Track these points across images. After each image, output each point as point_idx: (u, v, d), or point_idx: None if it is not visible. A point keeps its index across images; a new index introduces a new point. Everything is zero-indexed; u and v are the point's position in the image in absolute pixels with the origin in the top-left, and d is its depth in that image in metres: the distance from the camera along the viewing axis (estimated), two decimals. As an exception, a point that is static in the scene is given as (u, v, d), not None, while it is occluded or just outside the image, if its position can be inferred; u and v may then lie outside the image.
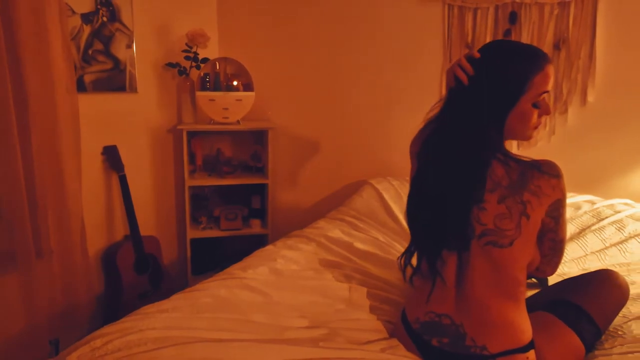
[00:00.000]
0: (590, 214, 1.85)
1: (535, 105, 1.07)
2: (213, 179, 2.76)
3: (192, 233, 2.74)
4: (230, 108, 2.67)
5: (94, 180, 2.37)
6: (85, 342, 1.08)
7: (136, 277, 2.42)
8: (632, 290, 1.41)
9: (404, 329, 1.19)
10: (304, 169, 2.93)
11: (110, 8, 2.35)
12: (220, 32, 3.01)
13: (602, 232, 1.74)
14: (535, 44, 2.21)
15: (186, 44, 2.63)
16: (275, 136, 2.92)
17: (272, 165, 2.86)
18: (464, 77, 1.08)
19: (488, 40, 2.29)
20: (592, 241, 1.72)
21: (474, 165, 1.06)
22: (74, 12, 2.19)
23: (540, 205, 1.05)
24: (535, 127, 1.11)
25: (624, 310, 1.31)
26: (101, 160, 2.40)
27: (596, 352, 1.17)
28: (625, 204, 1.93)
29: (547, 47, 2.19)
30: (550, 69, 1.07)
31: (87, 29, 2.25)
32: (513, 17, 2.22)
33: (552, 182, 1.06)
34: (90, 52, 2.27)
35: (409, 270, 1.20)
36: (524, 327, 1.09)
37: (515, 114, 1.07)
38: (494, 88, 1.06)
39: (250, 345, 1.07)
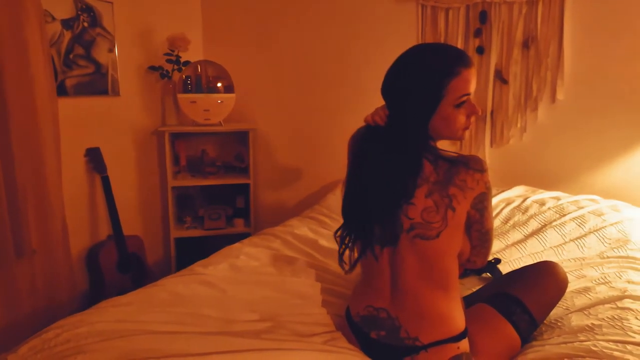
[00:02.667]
0: (554, 210, 1.87)
1: (458, 106, 1.09)
2: (196, 180, 2.82)
3: (176, 232, 2.80)
4: (212, 110, 2.73)
5: (78, 182, 2.43)
6: (38, 335, 1.13)
7: (119, 275, 2.48)
8: (580, 284, 1.44)
9: (347, 322, 1.23)
10: (286, 169, 2.98)
11: (91, 14, 2.41)
12: (205, 35, 3.07)
13: (563, 228, 1.77)
14: (505, 42, 2.24)
15: (168, 48, 2.69)
16: (258, 137, 2.98)
17: (255, 166, 2.91)
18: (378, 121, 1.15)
19: (460, 40, 2.32)
20: (551, 236, 1.75)
21: (404, 170, 1.10)
22: (53, 18, 2.25)
23: (465, 198, 1.09)
24: (466, 128, 1.14)
25: (567, 303, 1.34)
26: (84, 162, 2.46)
27: (534, 343, 1.20)
28: (591, 200, 1.95)
29: (516, 46, 2.22)
30: (468, 73, 1.08)
31: (67, 35, 2.31)
32: (483, 17, 2.25)
33: (476, 176, 1.09)
34: (71, 56, 2.34)
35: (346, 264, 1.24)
36: (456, 317, 1.13)
37: (438, 118, 1.10)
38: (413, 95, 1.09)
39: (194, 337, 1.11)
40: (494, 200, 2.01)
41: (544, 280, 1.25)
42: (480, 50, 2.29)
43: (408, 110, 1.10)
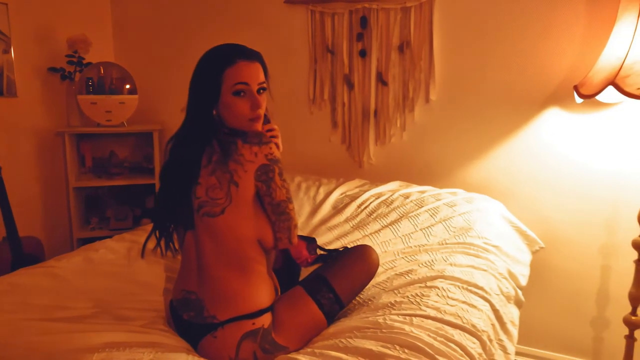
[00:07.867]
0: (414, 203, 1.99)
1: (236, 94, 1.19)
2: (101, 181, 2.84)
3: (79, 233, 2.81)
4: (114, 111, 2.76)
5: (-33, 183, 2.41)
6: None
7: (13, 276, 2.47)
8: (407, 267, 1.56)
9: (169, 307, 1.31)
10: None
11: (-18, 15, 2.41)
12: (115, 36, 3.11)
13: (417, 218, 1.88)
14: (383, 46, 2.37)
15: (70, 49, 2.71)
16: (166, 138, 3.01)
17: (160, 166, 2.95)
18: None
19: (345, 43, 2.44)
20: (404, 226, 1.86)
21: (189, 152, 1.21)
22: (-63, 19, 2.24)
23: (246, 172, 1.17)
24: (253, 119, 1.22)
25: (387, 284, 1.45)
26: (-25, 163, 2.44)
27: (342, 319, 1.30)
28: (451, 192, 2.08)
29: (394, 49, 2.35)
30: (245, 64, 1.19)
31: (-46, 36, 2.31)
32: (364, 22, 2.38)
33: (253, 149, 1.17)
34: (-42, 57, 2.33)
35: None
36: (254, 296, 1.21)
37: (222, 107, 1.21)
38: (198, 85, 1.22)
39: (12, 321, 1.16)
40: (366, 195, 2.11)
41: (354, 262, 1.35)
42: (362, 54, 2.41)
43: (194, 100, 1.20)
